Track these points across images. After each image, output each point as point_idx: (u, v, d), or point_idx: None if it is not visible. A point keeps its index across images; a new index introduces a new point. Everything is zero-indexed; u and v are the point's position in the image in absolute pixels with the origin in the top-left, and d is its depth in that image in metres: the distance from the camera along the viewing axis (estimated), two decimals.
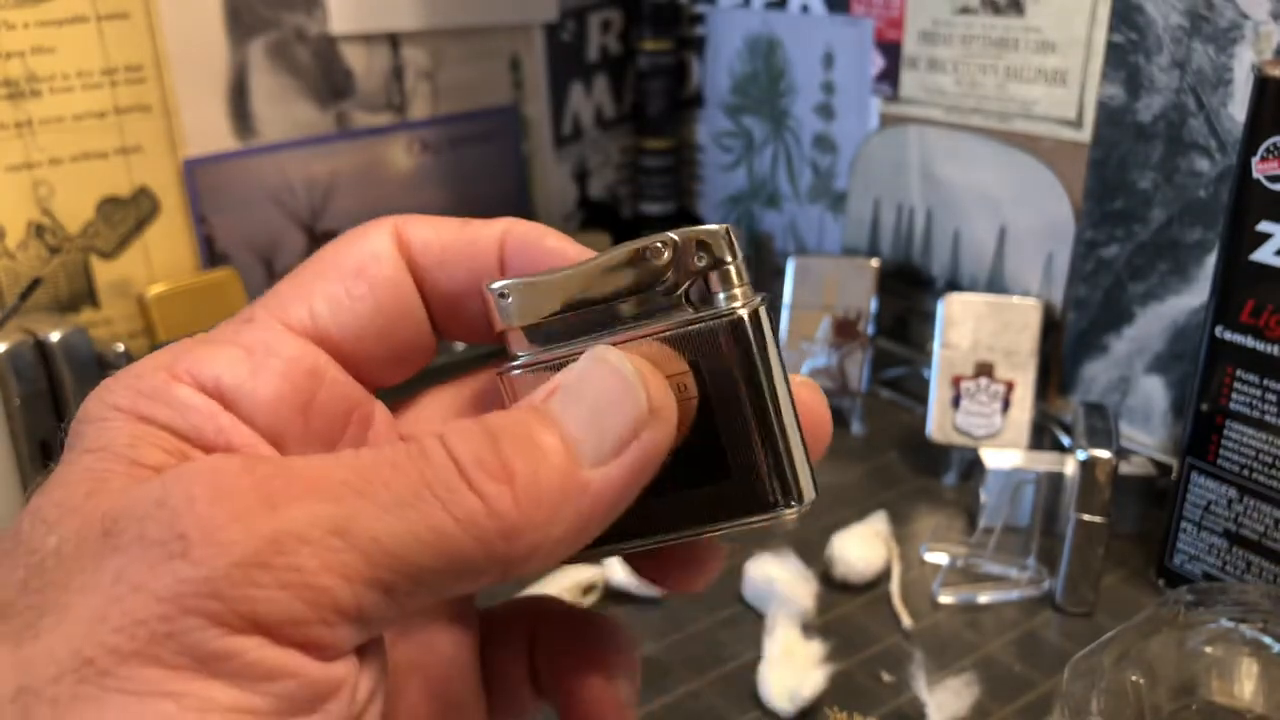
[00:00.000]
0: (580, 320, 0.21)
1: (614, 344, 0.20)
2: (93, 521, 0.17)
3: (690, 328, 0.20)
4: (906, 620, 0.52)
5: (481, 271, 0.22)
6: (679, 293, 0.21)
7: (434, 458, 0.17)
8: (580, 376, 0.19)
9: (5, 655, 0.16)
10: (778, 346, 0.21)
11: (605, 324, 0.21)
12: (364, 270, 0.21)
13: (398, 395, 0.24)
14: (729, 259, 0.20)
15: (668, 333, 0.20)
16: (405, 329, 0.22)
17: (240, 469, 0.17)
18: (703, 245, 0.20)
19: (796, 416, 0.21)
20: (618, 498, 0.19)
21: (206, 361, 0.19)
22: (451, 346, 0.74)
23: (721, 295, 0.20)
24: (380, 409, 0.22)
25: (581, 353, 0.20)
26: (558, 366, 0.21)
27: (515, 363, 0.22)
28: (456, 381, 0.24)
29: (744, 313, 0.20)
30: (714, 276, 0.20)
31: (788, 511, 0.20)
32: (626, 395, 0.19)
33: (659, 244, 0.20)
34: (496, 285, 0.21)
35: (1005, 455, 0.59)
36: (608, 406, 0.19)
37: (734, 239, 0.20)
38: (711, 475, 0.21)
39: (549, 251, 0.22)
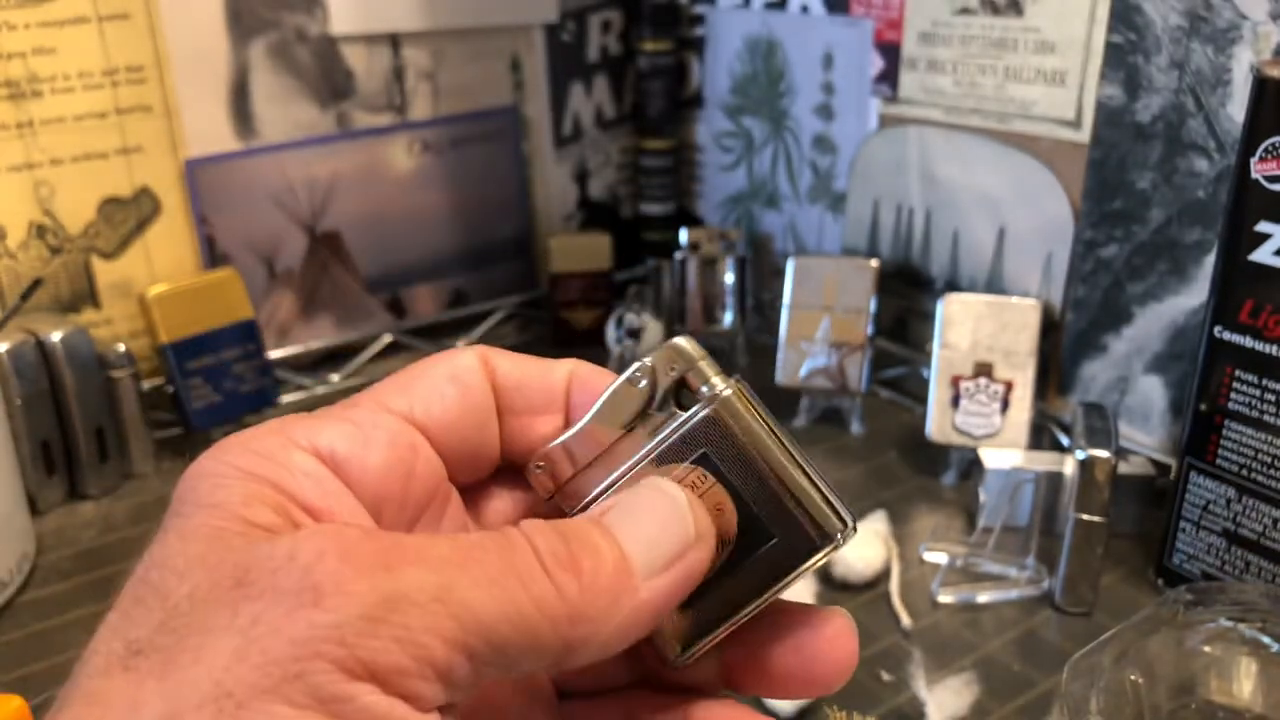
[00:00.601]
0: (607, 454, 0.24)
1: (632, 467, 0.24)
2: (223, 572, 0.18)
3: (687, 425, 0.23)
4: (906, 620, 0.52)
5: (550, 399, 0.25)
6: (669, 404, 0.24)
7: (519, 547, 0.20)
8: (637, 498, 0.22)
9: (151, 685, 0.17)
10: (768, 411, 0.23)
11: (626, 452, 0.24)
12: (457, 377, 0.24)
13: None
14: (696, 359, 0.23)
15: (671, 439, 0.23)
16: (482, 436, 0.24)
17: (362, 535, 0.19)
18: (671, 357, 0.24)
19: (807, 461, 0.23)
20: (663, 606, 0.21)
21: (321, 431, 0.22)
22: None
23: (703, 389, 0.23)
24: (455, 494, 0.25)
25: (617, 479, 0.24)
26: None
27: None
28: (512, 476, 0.26)
29: (728, 392, 0.23)
30: (689, 379, 0.23)
31: (831, 546, 0.23)
32: (675, 520, 0.22)
33: (637, 374, 0.24)
34: (537, 464, 0.25)
35: (1004, 455, 0.59)
36: (658, 527, 0.22)
37: (693, 342, 0.24)
38: (758, 544, 0.23)
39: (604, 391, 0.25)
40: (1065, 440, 0.64)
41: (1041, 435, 0.65)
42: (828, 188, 0.80)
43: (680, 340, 0.24)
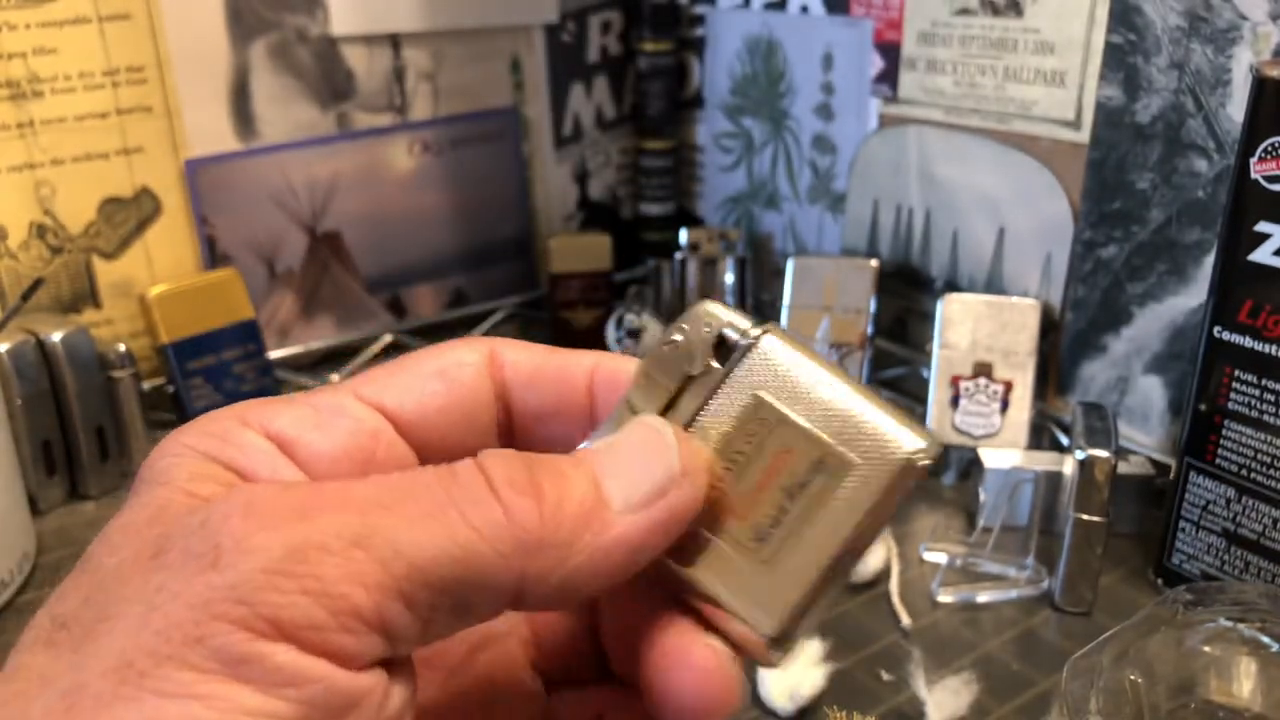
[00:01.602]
0: None
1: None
2: (148, 542, 0.18)
3: (735, 370, 0.21)
4: (906, 619, 0.52)
5: (569, 397, 0.23)
6: (710, 362, 0.22)
7: (462, 475, 0.19)
8: (619, 433, 0.21)
9: (64, 656, 0.17)
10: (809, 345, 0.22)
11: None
12: (445, 373, 0.23)
13: None
14: (725, 316, 0.22)
15: (719, 394, 0.22)
16: (470, 433, 0.23)
17: (277, 491, 0.18)
18: (701, 317, 0.22)
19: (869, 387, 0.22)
20: (639, 546, 0.19)
21: (275, 415, 0.21)
22: None
23: (741, 341, 0.22)
24: None
25: None
26: None
27: None
28: None
29: (769, 329, 0.22)
30: (726, 335, 0.22)
31: (921, 453, 0.20)
32: (659, 454, 0.20)
33: (674, 337, 0.22)
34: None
35: (1004, 455, 0.59)
36: (640, 461, 0.20)
37: (721, 303, 0.22)
38: (839, 478, 0.21)
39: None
40: (1065, 440, 0.64)
41: (1041, 435, 0.65)
42: (827, 188, 0.80)
43: (707, 303, 0.22)
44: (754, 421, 0.21)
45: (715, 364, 0.22)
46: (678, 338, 0.22)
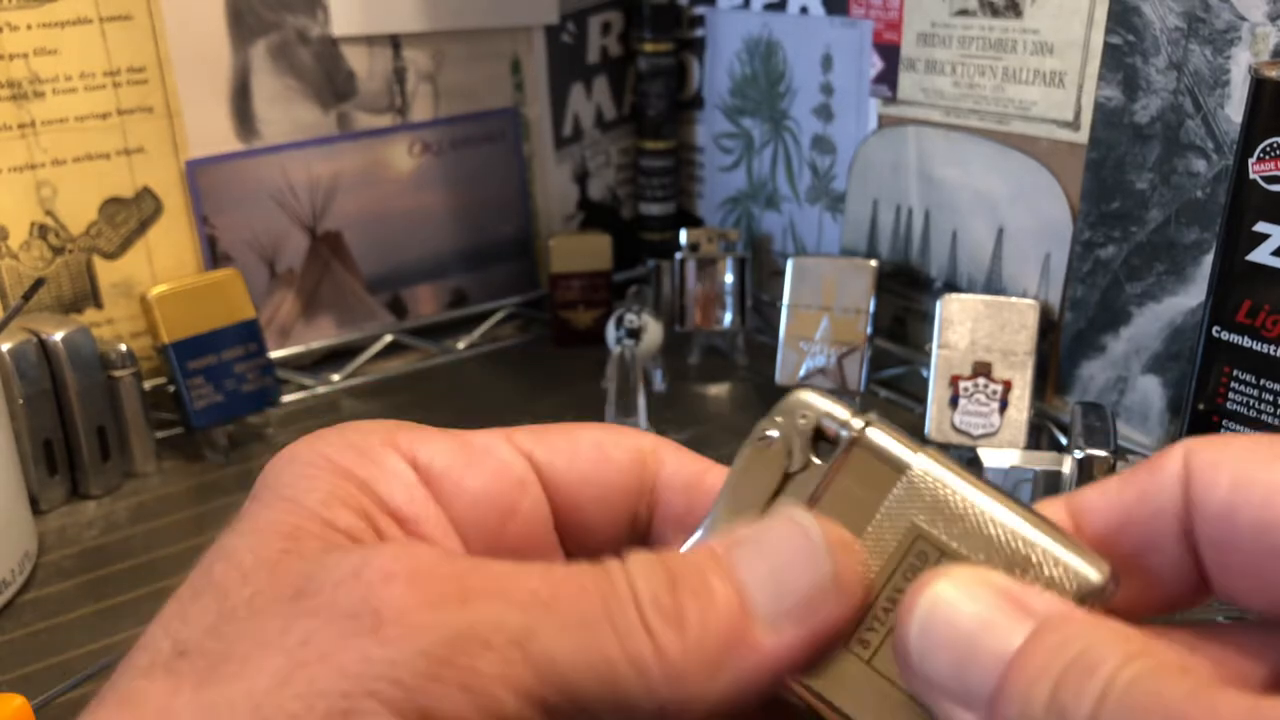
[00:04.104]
0: None
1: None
2: (287, 579, 0.17)
3: (839, 473, 0.20)
4: None
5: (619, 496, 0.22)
6: (811, 458, 0.21)
7: (618, 587, 0.17)
8: (765, 531, 0.19)
9: (186, 693, 0.16)
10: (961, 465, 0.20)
11: None
12: (601, 446, 0.22)
13: None
14: (823, 406, 0.21)
15: (827, 489, 0.20)
16: (607, 516, 0.22)
17: (440, 558, 0.17)
18: (797, 408, 0.21)
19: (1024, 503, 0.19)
20: (788, 665, 0.18)
21: (425, 441, 0.20)
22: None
23: (842, 433, 0.20)
24: (560, 555, 0.22)
25: None
26: None
27: None
28: None
29: (864, 423, 0.20)
30: (825, 425, 0.21)
31: (1099, 588, 0.18)
32: (810, 559, 0.18)
33: (768, 433, 0.21)
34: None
35: (1003, 455, 0.59)
36: (789, 567, 0.18)
37: (817, 392, 0.21)
38: None
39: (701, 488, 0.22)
40: (1063, 440, 0.65)
41: (1040, 435, 0.66)
42: (827, 188, 0.81)
43: (802, 392, 0.21)
44: (913, 555, 0.19)
45: (815, 459, 0.20)
46: (773, 433, 0.20)
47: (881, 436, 0.20)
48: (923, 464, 0.20)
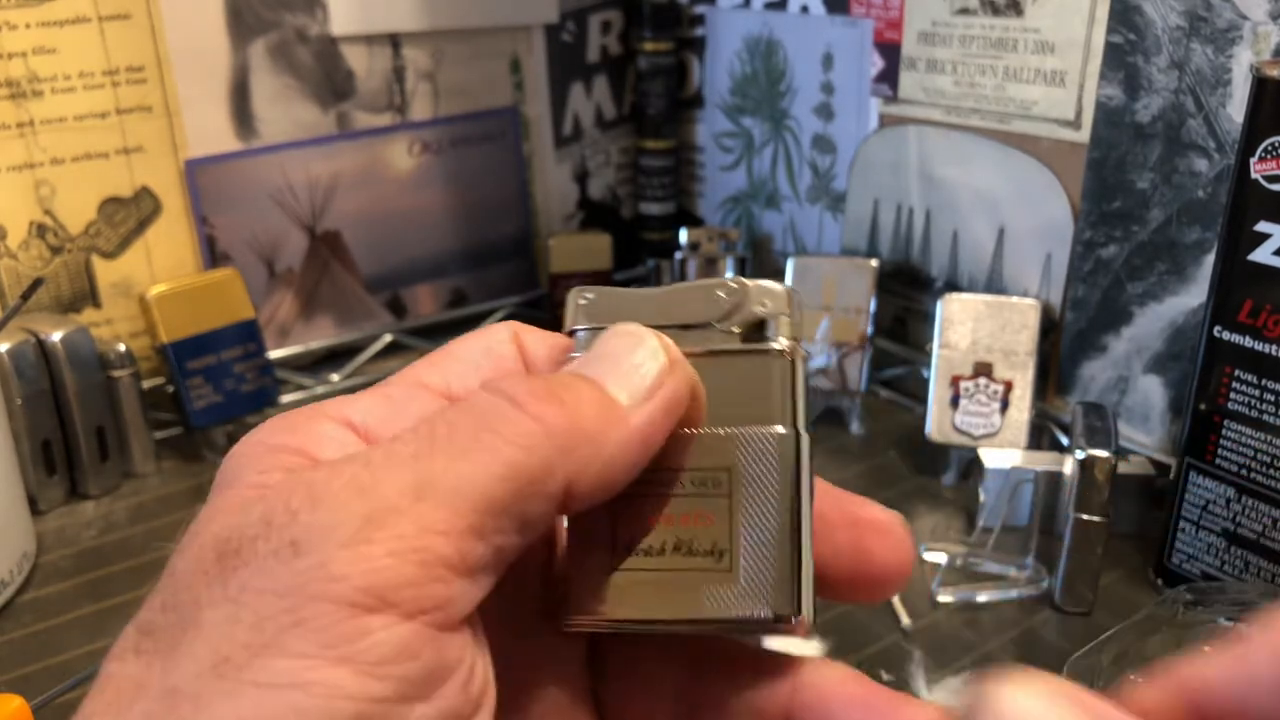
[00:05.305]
0: None
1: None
2: (207, 545, 0.18)
3: (738, 358, 0.22)
4: (905, 619, 0.52)
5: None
6: (736, 330, 0.22)
7: (484, 403, 0.19)
8: (604, 341, 0.21)
9: (155, 663, 0.17)
10: (811, 465, 0.22)
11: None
12: (491, 350, 0.23)
13: None
14: (787, 312, 0.22)
15: (718, 353, 0.22)
16: None
17: (329, 475, 0.18)
18: (768, 294, 0.22)
19: (811, 536, 0.21)
20: (654, 433, 0.21)
21: (352, 405, 0.22)
22: None
23: (770, 334, 0.22)
24: None
25: None
26: None
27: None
28: None
29: (783, 346, 0.22)
30: (769, 323, 0.22)
31: (782, 623, 0.21)
32: (646, 352, 0.21)
33: (732, 285, 0.22)
34: (584, 290, 0.23)
35: (1004, 455, 0.59)
36: (630, 362, 0.21)
37: (797, 301, 0.22)
38: (719, 573, 0.21)
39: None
40: (1065, 440, 0.64)
41: (1041, 435, 0.65)
42: (827, 187, 0.80)
43: (786, 288, 0.22)
44: (715, 473, 0.21)
45: (735, 330, 0.22)
46: (735, 291, 0.22)
47: (792, 375, 0.21)
48: (789, 436, 0.21)
